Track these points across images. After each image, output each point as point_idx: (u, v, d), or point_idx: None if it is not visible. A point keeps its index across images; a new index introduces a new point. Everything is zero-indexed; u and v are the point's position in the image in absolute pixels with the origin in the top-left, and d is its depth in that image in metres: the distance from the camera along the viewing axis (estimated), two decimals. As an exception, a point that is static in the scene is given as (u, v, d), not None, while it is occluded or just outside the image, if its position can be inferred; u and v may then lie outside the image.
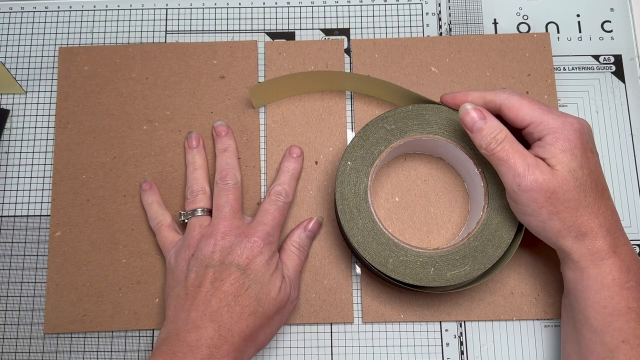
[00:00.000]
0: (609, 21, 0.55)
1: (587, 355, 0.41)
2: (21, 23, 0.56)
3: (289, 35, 0.55)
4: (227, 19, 0.56)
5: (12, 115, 0.53)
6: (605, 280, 0.40)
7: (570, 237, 0.40)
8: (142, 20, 0.56)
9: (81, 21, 0.56)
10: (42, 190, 0.52)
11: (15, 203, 0.51)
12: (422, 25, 0.55)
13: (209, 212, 0.47)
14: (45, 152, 0.52)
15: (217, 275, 0.42)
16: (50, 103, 0.54)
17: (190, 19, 0.56)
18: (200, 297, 0.42)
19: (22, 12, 0.56)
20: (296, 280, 0.46)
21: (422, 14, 0.56)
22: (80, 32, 0.55)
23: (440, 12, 0.56)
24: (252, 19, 0.56)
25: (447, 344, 0.48)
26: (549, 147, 0.40)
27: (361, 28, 0.55)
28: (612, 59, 0.54)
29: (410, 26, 0.55)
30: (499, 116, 0.43)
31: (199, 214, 0.47)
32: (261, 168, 0.52)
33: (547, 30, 0.55)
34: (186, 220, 0.47)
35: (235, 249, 0.43)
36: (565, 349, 0.44)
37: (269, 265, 0.44)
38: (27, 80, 0.54)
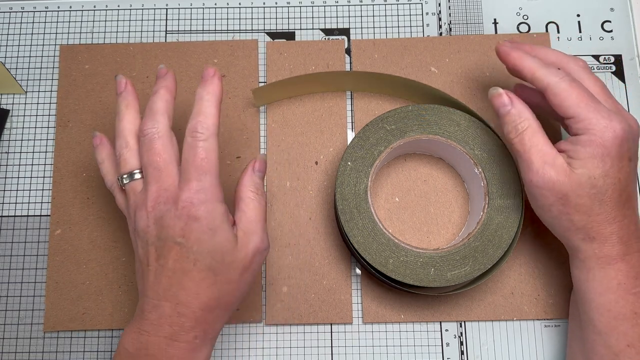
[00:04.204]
0: (609, 21, 0.55)
1: (591, 356, 0.40)
2: (21, 23, 0.56)
3: (289, 35, 0.55)
4: (227, 19, 0.56)
5: (12, 115, 0.53)
6: (611, 284, 0.39)
7: (577, 238, 0.40)
8: (142, 20, 0.56)
9: (81, 21, 0.56)
10: (42, 190, 0.52)
11: (15, 203, 0.51)
12: (422, 25, 0.55)
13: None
14: (45, 152, 0.52)
15: (159, 252, 0.38)
16: (50, 103, 0.54)
17: (190, 19, 0.56)
18: (151, 276, 0.38)
19: (22, 12, 0.56)
20: (261, 228, 0.40)
21: (422, 14, 0.56)
22: (80, 32, 0.55)
23: (440, 12, 0.56)
24: (252, 19, 0.56)
25: (447, 344, 0.48)
26: (580, 148, 0.39)
27: (361, 28, 0.55)
28: (612, 59, 0.54)
29: (410, 26, 0.55)
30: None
31: (129, 180, 0.40)
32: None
33: (547, 30, 0.55)
34: (124, 188, 0.41)
35: (167, 220, 0.37)
36: (571, 346, 0.43)
37: (212, 228, 0.37)
38: (27, 80, 0.54)
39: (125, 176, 0.40)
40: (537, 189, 0.40)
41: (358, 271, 0.49)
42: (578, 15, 0.56)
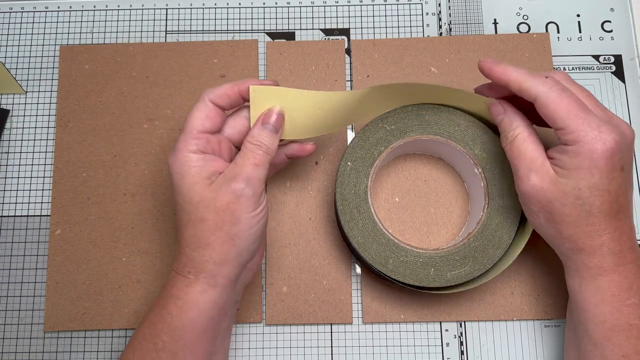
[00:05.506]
0: (609, 21, 0.55)
1: None
2: (21, 23, 0.56)
3: (289, 35, 0.55)
4: (227, 19, 0.56)
5: (12, 115, 0.53)
6: (605, 296, 0.39)
7: (566, 248, 0.40)
8: (142, 20, 0.56)
9: (81, 21, 0.56)
10: (42, 190, 0.52)
11: (15, 203, 0.51)
12: (422, 26, 0.55)
13: None
14: (45, 152, 0.52)
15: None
16: (50, 103, 0.54)
17: (190, 19, 0.56)
18: None
19: (22, 12, 0.56)
20: (244, 173, 0.39)
21: (422, 14, 0.56)
22: (80, 32, 0.55)
23: (440, 12, 0.56)
24: (252, 19, 0.56)
25: (447, 344, 0.48)
26: (566, 158, 0.38)
27: (361, 28, 0.55)
28: (612, 59, 0.54)
29: (410, 26, 0.55)
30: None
31: None
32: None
33: (547, 30, 0.55)
34: None
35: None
36: (568, 354, 0.43)
37: (180, 172, 0.40)
38: (27, 80, 0.54)
39: None
40: (524, 196, 0.40)
41: (358, 271, 0.49)
42: (578, 15, 0.56)
